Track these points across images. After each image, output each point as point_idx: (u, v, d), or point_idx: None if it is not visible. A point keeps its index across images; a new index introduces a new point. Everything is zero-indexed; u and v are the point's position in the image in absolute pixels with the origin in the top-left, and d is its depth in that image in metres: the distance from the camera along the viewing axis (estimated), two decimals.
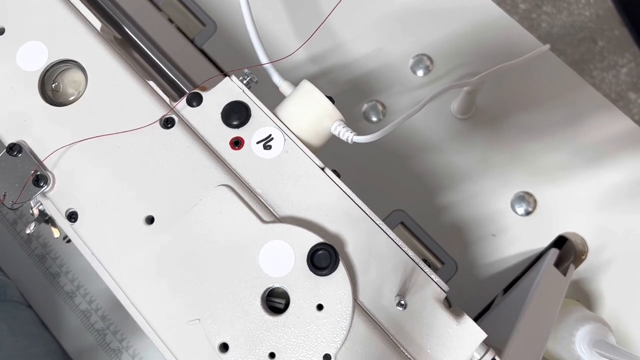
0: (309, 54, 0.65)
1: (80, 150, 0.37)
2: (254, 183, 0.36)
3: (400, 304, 0.31)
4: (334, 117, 0.38)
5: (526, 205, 0.58)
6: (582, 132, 0.58)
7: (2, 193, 0.36)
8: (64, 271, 0.66)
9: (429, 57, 0.63)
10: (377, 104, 0.63)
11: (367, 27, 0.64)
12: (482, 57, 0.63)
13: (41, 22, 0.39)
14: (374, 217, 0.35)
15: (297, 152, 0.36)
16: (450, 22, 0.63)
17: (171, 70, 0.41)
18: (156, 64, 0.41)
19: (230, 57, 0.61)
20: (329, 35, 0.65)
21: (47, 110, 0.37)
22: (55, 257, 0.66)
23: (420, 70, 0.63)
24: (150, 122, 0.36)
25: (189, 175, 0.36)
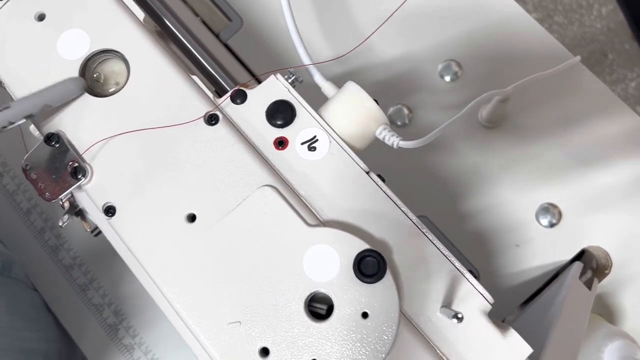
0: (335, 54, 0.64)
1: (121, 143, 0.36)
2: (297, 185, 0.35)
3: (457, 317, 0.30)
4: (379, 120, 0.37)
5: (550, 217, 0.58)
6: (611, 147, 0.58)
7: (39, 185, 0.35)
8: (77, 263, 0.65)
9: (458, 62, 0.62)
10: (403, 108, 0.62)
11: (396, 29, 0.63)
12: (511, 65, 0.62)
13: (83, 9, 0.38)
14: (420, 224, 0.34)
15: (342, 154, 0.36)
16: (479, 29, 0.63)
17: (212, 66, 0.40)
18: (196, 59, 0.40)
19: (256, 54, 0.59)
20: (356, 35, 0.64)
21: (87, 101, 0.36)
22: (69, 248, 0.65)
23: (448, 76, 0.62)
24: (194, 117, 0.36)
25: (232, 174, 0.35)
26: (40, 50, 0.37)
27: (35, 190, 0.36)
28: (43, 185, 0.35)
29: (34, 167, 0.36)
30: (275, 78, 0.37)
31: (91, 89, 0.37)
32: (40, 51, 0.37)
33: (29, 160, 0.36)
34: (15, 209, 0.65)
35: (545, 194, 0.58)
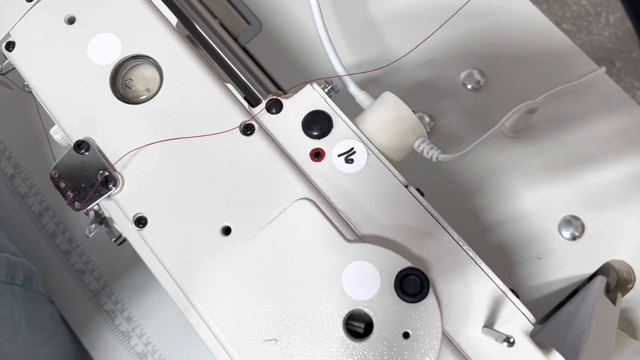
0: (356, 60, 0.63)
1: (153, 152, 0.35)
2: (334, 198, 0.34)
3: (508, 341, 0.29)
4: (418, 132, 0.36)
5: (573, 229, 0.57)
6: (635, 160, 0.57)
7: (68, 194, 0.34)
8: (89, 268, 0.64)
9: (481, 71, 0.61)
10: (425, 116, 0.61)
11: (418, 36, 0.62)
12: (534, 73, 0.61)
13: (114, 13, 0.36)
14: (461, 241, 0.33)
15: (380, 167, 0.35)
16: (502, 36, 0.62)
17: (244, 74, 0.39)
18: (228, 66, 0.39)
19: (275, 58, 0.59)
20: (378, 41, 0.64)
21: (118, 107, 0.35)
22: (82, 253, 0.64)
23: (471, 84, 0.61)
24: (230, 127, 0.35)
25: (269, 186, 0.34)
26: (70, 54, 0.36)
27: (64, 199, 0.34)
28: (72, 195, 0.34)
29: (63, 175, 0.34)
30: (311, 87, 0.36)
31: (122, 96, 0.36)
32: (70, 56, 0.36)
33: (57, 168, 0.35)
34: (27, 212, 0.64)
35: (567, 206, 0.58)
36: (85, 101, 0.36)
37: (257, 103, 0.38)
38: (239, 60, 0.39)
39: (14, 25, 0.37)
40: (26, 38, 0.37)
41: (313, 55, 0.63)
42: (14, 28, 0.37)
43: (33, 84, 0.36)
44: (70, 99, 0.36)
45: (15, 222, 0.63)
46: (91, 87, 0.36)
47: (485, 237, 0.59)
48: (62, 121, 0.35)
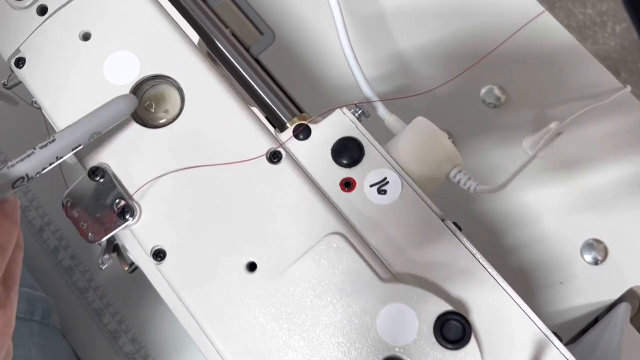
0: (374, 75, 0.61)
1: (174, 181, 0.32)
2: (366, 232, 0.32)
3: None
4: (454, 161, 0.34)
5: (595, 253, 0.55)
6: None
7: (81, 224, 0.32)
8: (92, 286, 0.61)
9: (501, 87, 0.59)
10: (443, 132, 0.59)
11: (437, 51, 0.60)
12: (556, 90, 0.59)
13: (133, 29, 0.34)
14: (502, 282, 0.31)
15: (415, 199, 0.32)
16: (525, 54, 0.60)
17: (268, 96, 0.36)
18: (251, 86, 0.37)
19: (288, 70, 0.56)
20: (396, 55, 0.61)
21: (136, 131, 0.33)
22: (85, 270, 0.61)
23: (491, 101, 0.59)
24: (256, 155, 0.32)
25: (297, 218, 0.32)
26: (84, 73, 0.34)
27: (77, 230, 0.32)
28: (86, 225, 0.32)
29: (76, 204, 0.32)
30: (341, 112, 0.34)
31: (140, 118, 0.34)
32: (84, 74, 0.34)
33: (70, 196, 0.32)
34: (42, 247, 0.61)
35: (590, 229, 0.56)
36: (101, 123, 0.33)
37: (280, 126, 0.36)
38: (263, 81, 0.37)
39: (25, 40, 0.34)
40: (37, 54, 0.34)
41: (329, 64, 0.61)
42: (24, 43, 0.34)
43: (44, 105, 0.34)
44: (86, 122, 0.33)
45: (28, 252, 0.60)
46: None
47: (505, 260, 0.57)
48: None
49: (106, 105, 0.31)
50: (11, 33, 0.35)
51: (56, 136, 0.29)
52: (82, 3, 0.34)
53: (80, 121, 0.30)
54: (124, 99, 0.32)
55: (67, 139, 0.29)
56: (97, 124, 0.31)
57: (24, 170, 0.28)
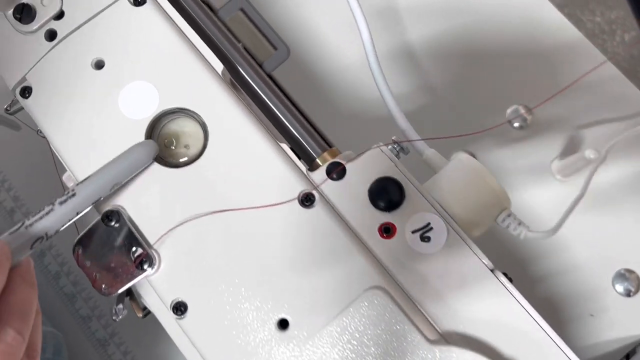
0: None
1: (196, 226, 0.29)
2: (409, 284, 0.29)
3: None
4: (503, 203, 0.31)
5: (628, 284, 0.52)
6: None
7: (94, 274, 0.29)
8: (96, 314, 0.58)
9: (527, 107, 0.56)
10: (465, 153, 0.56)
11: (460, 68, 0.57)
12: (585, 111, 0.57)
13: (150, 57, 0.31)
14: (558, 340, 0.28)
15: (461, 247, 0.30)
16: (552, 71, 0.57)
17: (296, 128, 0.33)
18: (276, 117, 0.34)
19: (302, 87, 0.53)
20: (418, 73, 0.59)
21: (155, 171, 0.30)
22: (88, 297, 0.58)
23: (517, 122, 0.56)
24: (287, 197, 0.29)
25: (333, 270, 0.29)
26: (97, 105, 0.31)
27: (89, 280, 0.29)
28: (99, 275, 0.29)
29: (88, 252, 0.29)
30: (380, 151, 0.31)
31: (159, 156, 0.31)
32: (97, 107, 0.31)
33: (81, 243, 0.29)
34: (43, 272, 0.58)
35: (622, 258, 0.53)
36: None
37: (309, 161, 0.33)
38: (290, 112, 0.34)
39: (31, 67, 0.31)
40: (45, 83, 0.31)
41: (347, 84, 0.58)
42: (31, 71, 0.31)
43: (53, 140, 0.31)
44: (97, 159, 0.30)
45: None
46: (123, 146, 0.30)
47: (533, 290, 0.54)
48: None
49: (126, 154, 0.29)
50: (17, 60, 0.31)
51: (76, 190, 0.27)
52: (95, 28, 0.31)
53: (99, 172, 0.28)
54: (145, 148, 0.29)
55: (87, 193, 0.27)
56: (117, 175, 0.28)
57: (43, 229, 0.25)
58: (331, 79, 0.59)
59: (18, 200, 0.60)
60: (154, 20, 0.31)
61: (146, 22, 0.31)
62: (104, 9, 0.32)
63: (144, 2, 0.32)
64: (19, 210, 0.60)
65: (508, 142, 0.56)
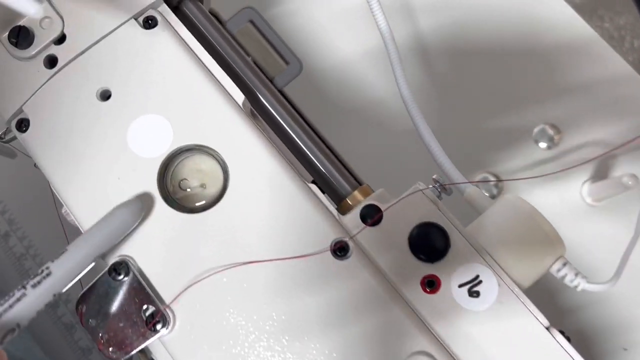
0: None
1: (216, 280, 0.26)
2: (457, 347, 0.26)
3: None
4: (558, 250, 0.28)
5: None
6: None
7: (100, 335, 0.25)
8: None
9: (556, 126, 0.53)
10: (490, 177, 0.53)
11: (485, 84, 0.54)
12: (617, 131, 0.53)
13: (163, 87, 0.28)
14: None
15: (515, 303, 0.26)
16: (583, 89, 0.54)
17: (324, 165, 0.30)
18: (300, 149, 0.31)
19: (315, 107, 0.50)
20: (439, 90, 0.55)
21: (168, 216, 0.27)
22: None
23: (544, 142, 0.53)
24: (319, 247, 0.26)
25: (371, 330, 0.25)
26: (103, 141, 0.27)
27: (94, 342, 0.25)
28: (106, 337, 0.25)
29: (93, 310, 0.26)
30: (422, 194, 0.27)
31: (173, 199, 0.27)
32: (103, 143, 0.27)
33: (85, 301, 0.26)
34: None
35: None
36: None
37: (337, 200, 0.30)
38: (316, 146, 0.31)
39: (29, 97, 0.28)
40: (44, 116, 0.28)
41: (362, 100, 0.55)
42: (28, 102, 0.28)
43: (53, 180, 0.27)
44: (102, 202, 0.27)
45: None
46: (131, 187, 0.27)
47: (563, 322, 0.51)
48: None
49: (108, 220, 0.25)
50: (12, 89, 0.28)
51: (52, 268, 0.23)
52: (100, 53, 0.28)
53: (78, 244, 0.24)
54: (130, 209, 0.26)
55: (64, 271, 0.23)
56: (99, 246, 0.24)
57: (14, 319, 0.21)
58: (348, 98, 0.55)
59: (13, 224, 0.56)
60: (166, 44, 0.28)
61: (158, 47, 0.28)
62: (110, 32, 0.28)
63: (155, 25, 0.28)
64: (14, 234, 0.56)
65: (534, 165, 0.53)
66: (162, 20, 0.28)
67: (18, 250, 0.56)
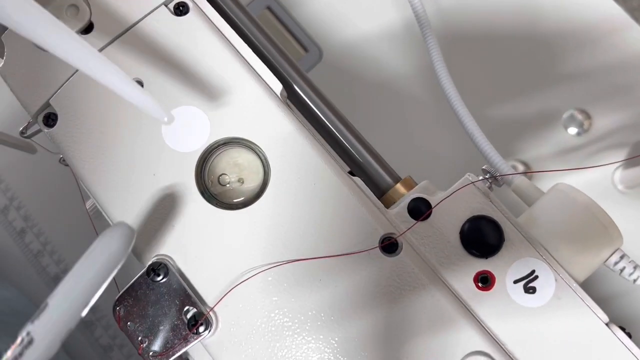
0: (434, 96, 0.53)
1: (259, 280, 0.25)
2: (513, 345, 0.25)
3: None
4: (615, 242, 0.26)
5: None
6: None
7: (140, 339, 0.24)
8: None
9: (586, 112, 0.52)
10: (518, 165, 0.52)
11: (510, 66, 0.52)
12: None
13: (198, 77, 0.26)
14: None
15: (573, 298, 0.25)
16: (613, 72, 0.52)
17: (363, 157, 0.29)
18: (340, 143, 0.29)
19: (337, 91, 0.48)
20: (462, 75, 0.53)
21: (208, 213, 0.25)
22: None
23: (574, 128, 0.51)
24: (367, 244, 0.25)
25: (424, 330, 0.24)
26: (136, 136, 0.26)
27: (133, 346, 0.24)
28: (146, 342, 0.24)
29: (131, 312, 0.24)
30: (474, 187, 0.26)
31: (212, 195, 0.26)
32: (136, 137, 0.26)
33: (122, 302, 0.24)
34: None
35: None
36: (158, 203, 0.25)
37: (378, 194, 0.29)
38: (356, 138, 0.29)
39: (56, 90, 0.26)
40: (73, 110, 0.26)
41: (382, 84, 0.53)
42: (55, 95, 0.26)
43: (83, 176, 0.26)
44: (136, 200, 0.25)
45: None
46: (167, 183, 0.25)
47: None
48: None
49: (93, 258, 0.20)
50: (38, 82, 0.26)
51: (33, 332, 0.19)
52: (130, 42, 0.26)
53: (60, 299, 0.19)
54: (115, 238, 0.21)
55: (51, 335, 0.19)
56: (87, 292, 0.20)
57: None
58: (370, 85, 0.54)
59: (29, 220, 0.55)
60: (199, 32, 0.27)
61: (190, 35, 0.26)
62: (139, 19, 0.27)
63: (187, 11, 0.27)
64: (30, 230, 0.55)
65: (563, 152, 0.52)
66: (193, 6, 0.27)
67: (35, 247, 0.55)
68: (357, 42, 0.54)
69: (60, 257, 0.55)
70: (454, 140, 0.48)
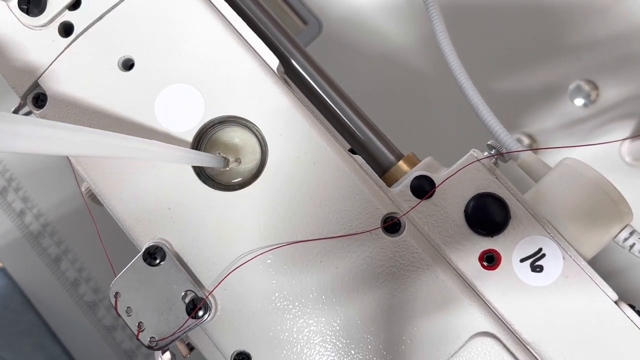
0: (439, 69, 0.52)
1: (259, 262, 0.24)
2: (520, 325, 0.24)
3: None
4: (625, 218, 0.26)
5: None
6: None
7: (139, 323, 0.23)
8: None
9: (594, 83, 0.50)
10: (523, 138, 0.51)
11: (515, 33, 0.51)
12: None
13: (191, 54, 0.25)
14: None
15: (581, 276, 0.24)
16: (621, 41, 0.51)
17: (364, 133, 0.28)
18: (340, 119, 0.28)
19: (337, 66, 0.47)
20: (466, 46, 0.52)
21: (204, 195, 0.24)
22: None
23: (580, 99, 0.50)
24: (368, 224, 0.24)
25: (429, 311, 0.23)
26: (127, 115, 0.25)
27: (132, 331, 0.24)
28: (145, 327, 0.23)
29: (129, 297, 0.24)
30: (479, 164, 0.25)
31: (208, 176, 0.25)
32: (128, 117, 0.25)
33: (119, 286, 0.24)
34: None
35: None
36: (154, 186, 0.25)
37: (380, 172, 0.28)
38: (356, 114, 0.28)
39: (45, 70, 0.25)
40: (63, 89, 0.25)
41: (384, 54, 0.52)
42: (44, 74, 0.25)
43: (77, 159, 0.25)
44: (136, 185, 0.24)
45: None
46: (162, 165, 0.25)
47: None
48: (121, 215, 0.25)
49: None
50: (26, 61, 0.26)
51: None
52: (120, 18, 0.25)
53: None
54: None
55: None
56: None
57: None
58: (371, 60, 0.52)
59: (28, 201, 0.55)
60: (191, 5, 0.25)
61: (182, 9, 0.25)
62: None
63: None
64: (30, 211, 0.55)
65: (569, 124, 0.51)
66: None
67: (35, 229, 0.54)
68: (357, 14, 0.52)
69: (61, 239, 0.55)
70: (457, 114, 0.47)
